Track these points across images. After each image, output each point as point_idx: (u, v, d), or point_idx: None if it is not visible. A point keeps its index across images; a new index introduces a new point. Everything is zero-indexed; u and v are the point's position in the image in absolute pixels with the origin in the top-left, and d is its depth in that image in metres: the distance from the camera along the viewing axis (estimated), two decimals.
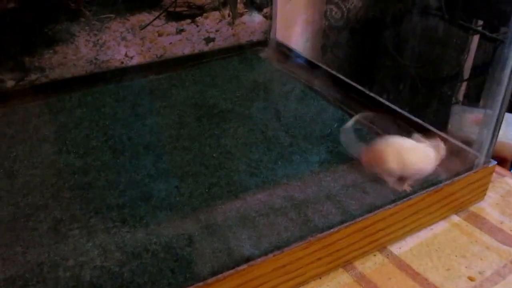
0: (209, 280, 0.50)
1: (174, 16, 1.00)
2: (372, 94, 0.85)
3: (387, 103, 0.83)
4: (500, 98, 0.65)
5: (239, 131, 0.78)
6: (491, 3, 1.04)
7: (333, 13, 1.20)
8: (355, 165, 0.70)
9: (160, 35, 1.00)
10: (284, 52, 1.08)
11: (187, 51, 1.03)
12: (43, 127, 0.78)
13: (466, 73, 1.33)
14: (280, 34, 1.11)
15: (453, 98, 1.33)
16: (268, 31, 1.11)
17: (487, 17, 1.10)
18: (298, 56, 1.05)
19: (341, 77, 0.93)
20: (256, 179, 0.67)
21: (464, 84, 1.34)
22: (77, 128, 0.78)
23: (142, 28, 0.97)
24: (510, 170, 0.90)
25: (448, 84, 1.32)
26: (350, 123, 0.76)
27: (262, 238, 0.57)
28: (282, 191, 0.65)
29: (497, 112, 0.66)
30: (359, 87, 0.88)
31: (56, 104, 0.85)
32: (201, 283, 0.49)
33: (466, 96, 1.33)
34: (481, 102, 1.26)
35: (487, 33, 1.10)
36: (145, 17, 0.97)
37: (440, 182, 0.65)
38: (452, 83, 1.32)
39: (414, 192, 0.63)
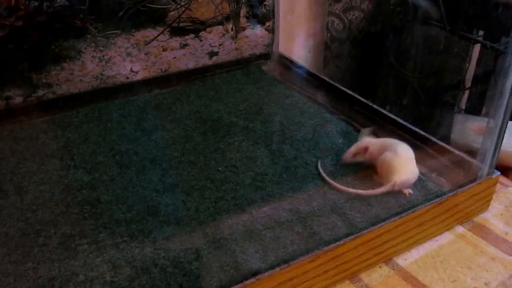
0: None
1: (178, 31, 1.02)
2: (375, 106, 0.86)
3: (389, 114, 0.83)
4: (502, 109, 0.66)
5: (243, 145, 0.79)
6: (491, 14, 1.06)
7: (335, 25, 1.22)
8: (360, 178, 0.70)
9: (164, 50, 1.01)
10: (287, 64, 1.09)
11: (191, 65, 1.05)
12: (51, 142, 0.80)
13: (468, 82, 1.34)
14: (282, 47, 1.13)
15: (456, 107, 1.34)
16: (270, 44, 1.13)
17: (488, 28, 1.11)
18: (301, 68, 1.06)
19: (343, 89, 0.94)
20: (262, 192, 0.68)
21: (467, 93, 1.35)
22: (84, 143, 0.79)
23: (147, 43, 0.99)
24: None
25: (451, 93, 1.33)
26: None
27: (269, 252, 0.57)
28: (287, 204, 0.66)
29: (500, 122, 0.67)
30: (362, 98, 0.89)
31: (63, 120, 0.86)
32: None
33: (468, 104, 1.33)
34: (484, 111, 1.26)
35: (488, 43, 1.11)
36: (149, 32, 0.99)
37: (444, 193, 0.65)
38: (454, 92, 1.33)
39: (418, 204, 0.63)
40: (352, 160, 0.73)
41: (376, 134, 0.78)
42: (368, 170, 0.71)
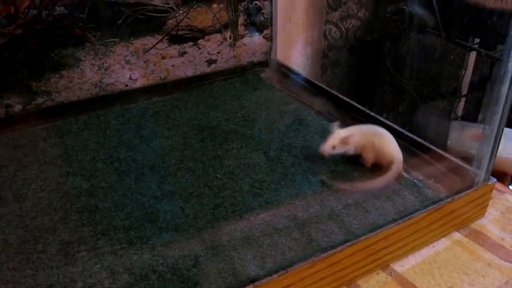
0: None
1: (176, 39, 1.03)
2: (372, 113, 0.87)
3: (386, 121, 0.84)
4: (498, 116, 0.66)
5: (241, 152, 0.79)
6: (486, 22, 1.07)
7: (332, 33, 1.23)
8: (357, 184, 0.71)
9: (163, 57, 1.02)
10: (285, 72, 1.10)
11: (189, 73, 1.05)
12: (50, 150, 0.80)
13: (464, 89, 1.35)
14: (280, 54, 1.14)
15: (452, 114, 1.35)
16: (268, 52, 1.14)
17: (483, 35, 1.12)
18: (299, 76, 1.07)
19: (341, 96, 0.94)
20: (260, 199, 0.68)
21: (463, 100, 1.36)
22: (83, 150, 0.79)
23: (146, 51, 0.99)
24: (509, 185, 0.91)
25: (447, 100, 1.34)
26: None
27: (267, 258, 0.58)
28: (285, 211, 0.66)
29: (495, 129, 0.67)
30: (359, 106, 0.90)
31: (62, 127, 0.86)
32: None
33: (464, 111, 1.34)
34: (480, 118, 1.27)
35: (484, 51, 1.12)
36: (148, 40, 0.99)
37: (441, 200, 0.66)
38: (450, 99, 1.34)
39: (415, 210, 0.64)
40: (331, 152, 0.73)
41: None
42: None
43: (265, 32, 1.12)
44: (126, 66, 0.98)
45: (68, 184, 0.71)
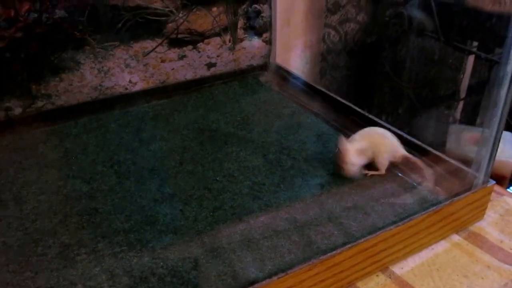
0: None
1: (176, 43, 1.03)
2: (370, 116, 0.87)
3: (385, 124, 0.84)
4: (497, 119, 0.67)
5: (241, 155, 0.80)
6: (484, 25, 1.07)
7: (331, 36, 1.23)
8: (356, 186, 0.71)
9: (163, 61, 1.02)
10: (284, 75, 1.10)
11: (189, 76, 1.06)
12: (50, 153, 0.80)
13: (463, 93, 1.36)
14: (280, 58, 1.14)
15: (451, 117, 1.35)
16: (267, 55, 1.14)
17: (482, 39, 1.13)
18: (298, 79, 1.08)
19: (340, 99, 0.95)
20: (259, 201, 0.69)
21: (462, 103, 1.37)
22: (83, 153, 0.80)
23: (145, 54, 1.00)
24: (508, 188, 0.91)
25: (446, 104, 1.35)
26: None
27: (266, 261, 0.58)
28: (284, 213, 0.66)
29: (494, 132, 0.67)
30: (358, 109, 0.90)
31: (62, 130, 0.87)
32: None
33: (463, 115, 1.35)
34: (478, 121, 1.28)
35: (482, 54, 1.13)
36: (148, 44, 1.00)
37: (440, 202, 0.66)
38: (449, 102, 1.35)
39: (414, 212, 0.64)
40: (357, 171, 0.73)
41: None
42: None
43: (264, 35, 1.13)
44: (126, 69, 0.98)
45: (68, 187, 0.71)
